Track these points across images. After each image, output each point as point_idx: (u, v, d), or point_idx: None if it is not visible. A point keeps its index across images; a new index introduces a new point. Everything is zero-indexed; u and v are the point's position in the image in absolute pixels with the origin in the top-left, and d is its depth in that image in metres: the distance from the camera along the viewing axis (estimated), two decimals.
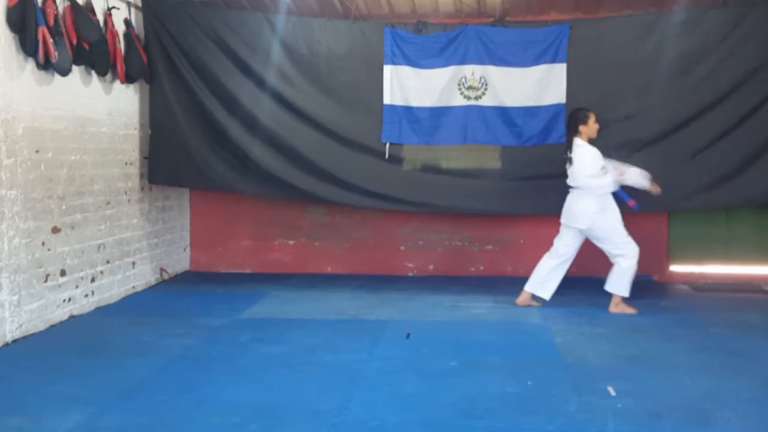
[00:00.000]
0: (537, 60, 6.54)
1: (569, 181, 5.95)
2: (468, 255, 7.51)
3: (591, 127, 5.86)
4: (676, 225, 7.26)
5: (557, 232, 7.32)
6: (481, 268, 7.47)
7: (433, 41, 6.67)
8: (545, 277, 6.05)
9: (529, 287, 6.09)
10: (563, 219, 6.04)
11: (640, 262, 7.29)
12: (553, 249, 6.07)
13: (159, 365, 4.45)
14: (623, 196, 5.96)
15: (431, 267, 7.57)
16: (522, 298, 6.11)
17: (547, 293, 6.06)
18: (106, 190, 6.12)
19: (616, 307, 5.96)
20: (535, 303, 6.09)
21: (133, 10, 6.55)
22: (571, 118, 5.96)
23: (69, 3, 5.49)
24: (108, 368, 4.38)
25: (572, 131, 5.90)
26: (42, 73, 5.27)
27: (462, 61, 6.62)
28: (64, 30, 5.34)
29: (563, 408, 3.73)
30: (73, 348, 4.85)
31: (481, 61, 6.61)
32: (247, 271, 7.76)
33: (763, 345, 4.94)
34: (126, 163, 6.49)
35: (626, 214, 7.02)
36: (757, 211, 7.09)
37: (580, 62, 6.51)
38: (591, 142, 5.88)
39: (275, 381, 4.18)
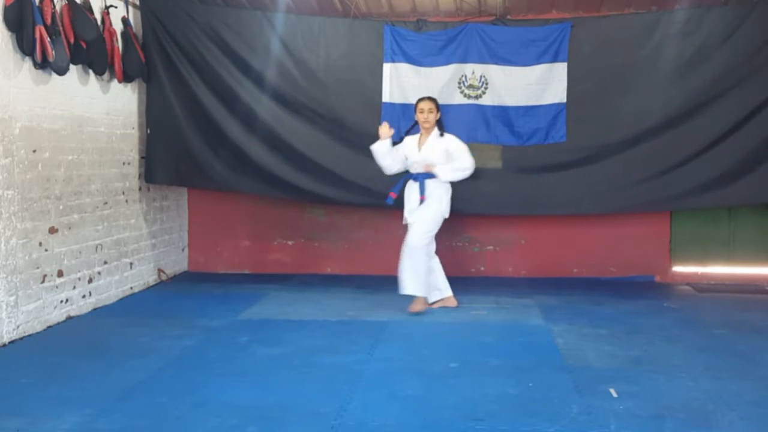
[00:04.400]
0: (538, 59, 6.51)
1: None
2: (468, 255, 7.47)
3: (417, 116, 5.91)
4: (678, 225, 7.23)
5: (558, 232, 7.34)
6: (482, 268, 7.44)
7: (433, 39, 6.63)
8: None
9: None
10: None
11: (643, 263, 7.32)
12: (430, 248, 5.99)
13: (157, 366, 4.42)
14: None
15: None
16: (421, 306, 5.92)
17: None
18: (103, 190, 6.09)
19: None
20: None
21: (131, 8, 6.52)
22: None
23: (66, 2, 5.45)
24: (106, 370, 4.35)
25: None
26: (39, 72, 5.24)
27: (462, 60, 6.59)
28: (61, 29, 5.30)
29: (564, 410, 3.70)
30: (71, 349, 4.82)
31: (481, 60, 6.58)
32: (246, 271, 7.73)
33: (766, 346, 4.91)
34: (124, 163, 6.46)
35: (627, 214, 7.04)
36: (760, 211, 7.06)
37: (581, 61, 6.48)
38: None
39: (274, 382, 4.14)
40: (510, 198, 6.60)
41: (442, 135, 5.90)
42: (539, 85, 6.53)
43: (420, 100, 5.93)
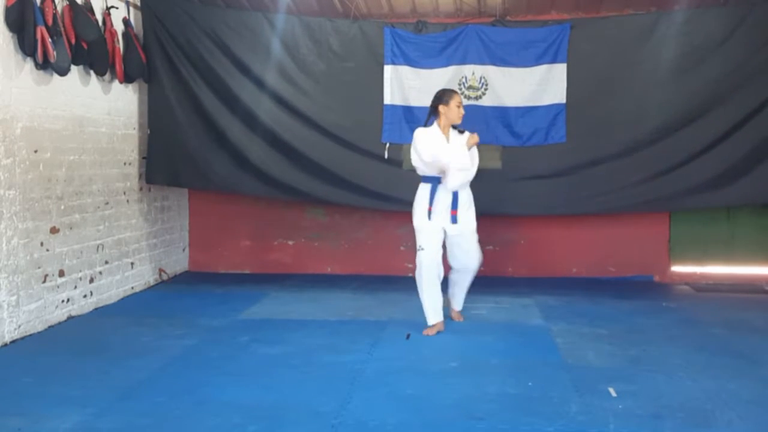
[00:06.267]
0: (537, 60, 6.53)
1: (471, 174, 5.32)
2: None
3: (452, 110, 5.17)
4: (677, 225, 7.24)
5: (557, 232, 7.36)
6: (482, 268, 7.42)
7: (433, 41, 6.65)
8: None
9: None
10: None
11: (642, 263, 7.33)
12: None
13: (158, 366, 4.43)
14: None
15: None
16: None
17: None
18: (104, 191, 6.10)
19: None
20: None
21: (132, 9, 6.53)
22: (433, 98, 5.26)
23: (68, 2, 5.47)
24: (107, 369, 4.37)
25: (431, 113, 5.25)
26: (40, 72, 5.26)
27: (462, 61, 6.61)
28: (62, 29, 5.32)
29: (564, 409, 3.72)
30: (72, 349, 4.83)
31: (481, 61, 6.60)
32: (247, 271, 7.74)
33: (764, 346, 4.92)
34: (125, 163, 6.47)
35: (626, 214, 7.05)
36: (758, 211, 7.07)
37: (580, 62, 6.49)
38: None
39: (275, 382, 4.16)
40: (510, 198, 6.61)
41: (461, 132, 5.36)
42: (539, 85, 6.54)
43: (454, 93, 5.22)
